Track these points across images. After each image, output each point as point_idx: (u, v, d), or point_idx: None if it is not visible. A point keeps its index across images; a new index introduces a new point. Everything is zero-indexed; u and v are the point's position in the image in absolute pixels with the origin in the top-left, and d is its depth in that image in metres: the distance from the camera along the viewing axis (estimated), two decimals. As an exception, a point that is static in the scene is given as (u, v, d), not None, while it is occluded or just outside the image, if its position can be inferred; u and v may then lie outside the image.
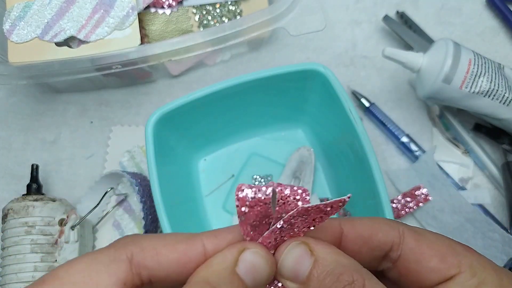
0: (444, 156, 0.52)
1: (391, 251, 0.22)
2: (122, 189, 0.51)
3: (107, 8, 0.48)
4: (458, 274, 0.21)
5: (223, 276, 0.20)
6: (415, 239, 0.22)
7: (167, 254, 0.21)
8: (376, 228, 0.22)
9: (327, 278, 0.20)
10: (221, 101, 0.45)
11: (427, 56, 0.46)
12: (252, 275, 0.20)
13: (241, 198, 0.21)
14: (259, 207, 0.21)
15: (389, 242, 0.22)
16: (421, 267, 0.22)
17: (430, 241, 0.22)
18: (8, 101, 0.56)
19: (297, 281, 0.20)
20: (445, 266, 0.21)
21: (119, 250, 0.21)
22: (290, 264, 0.21)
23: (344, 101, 0.42)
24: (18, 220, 0.44)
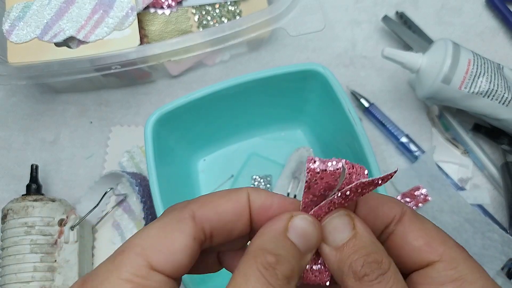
0: (444, 156, 0.52)
1: (390, 224, 0.23)
2: (122, 189, 0.51)
3: (106, 9, 0.48)
4: (438, 261, 0.22)
5: (278, 242, 0.21)
6: (410, 219, 0.23)
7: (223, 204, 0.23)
8: (383, 202, 0.24)
9: (361, 250, 0.21)
10: (220, 101, 0.45)
11: (427, 57, 0.46)
12: (303, 240, 0.22)
13: (312, 169, 0.22)
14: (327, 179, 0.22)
15: (391, 216, 0.23)
16: (406, 244, 0.23)
17: (424, 225, 0.23)
18: (8, 101, 0.56)
19: (332, 245, 0.22)
20: (428, 249, 0.22)
21: (182, 210, 0.22)
22: (332, 228, 0.22)
23: (343, 101, 0.42)
24: (17, 221, 0.44)
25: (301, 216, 0.22)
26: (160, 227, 0.22)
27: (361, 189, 0.22)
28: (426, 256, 0.22)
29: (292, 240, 0.21)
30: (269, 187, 0.50)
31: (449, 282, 0.21)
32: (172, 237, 0.21)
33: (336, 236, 0.22)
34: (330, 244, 0.22)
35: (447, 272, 0.21)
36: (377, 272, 0.20)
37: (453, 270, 0.21)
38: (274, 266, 0.20)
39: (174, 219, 0.22)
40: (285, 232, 0.22)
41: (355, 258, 0.21)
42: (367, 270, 0.20)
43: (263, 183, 0.51)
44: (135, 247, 0.21)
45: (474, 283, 0.21)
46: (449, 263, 0.21)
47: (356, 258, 0.21)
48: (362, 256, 0.21)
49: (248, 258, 0.21)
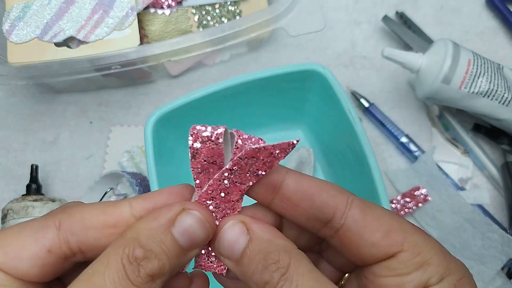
0: (444, 156, 0.52)
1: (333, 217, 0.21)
2: (122, 189, 0.51)
3: (106, 9, 0.48)
4: (401, 251, 0.20)
5: (155, 235, 0.20)
6: (361, 210, 0.21)
7: (92, 218, 0.21)
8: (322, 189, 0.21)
9: (257, 256, 0.20)
10: (220, 101, 0.45)
11: (426, 57, 0.46)
12: (188, 237, 0.20)
13: (195, 134, 0.21)
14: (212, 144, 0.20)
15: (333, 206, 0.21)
16: (362, 240, 0.21)
17: (377, 215, 0.21)
18: (7, 101, 0.56)
19: (232, 259, 0.21)
20: (387, 242, 0.20)
21: (48, 218, 0.21)
22: (226, 242, 0.21)
23: (343, 101, 0.42)
24: (17, 221, 0.44)
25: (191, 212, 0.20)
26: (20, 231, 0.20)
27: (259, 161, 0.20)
28: (386, 249, 0.20)
29: (175, 236, 0.20)
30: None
31: (414, 270, 0.20)
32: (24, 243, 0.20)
33: (233, 249, 0.21)
34: (231, 259, 0.21)
35: (411, 260, 0.20)
36: (276, 275, 0.19)
37: (416, 257, 0.20)
38: (139, 262, 0.19)
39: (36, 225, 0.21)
40: (169, 225, 0.20)
41: (252, 268, 0.20)
42: (266, 277, 0.19)
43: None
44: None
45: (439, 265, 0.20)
46: (412, 251, 0.20)
47: (254, 268, 0.20)
48: (259, 262, 0.20)
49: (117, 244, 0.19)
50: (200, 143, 0.21)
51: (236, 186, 0.21)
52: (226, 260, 0.21)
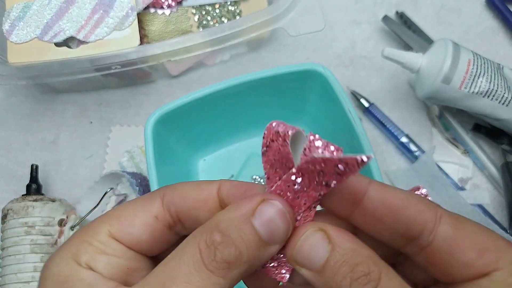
0: (444, 156, 0.52)
1: (422, 234, 0.20)
2: (122, 189, 0.51)
3: (106, 9, 0.48)
4: (495, 270, 0.19)
5: (234, 223, 0.19)
6: (452, 227, 0.20)
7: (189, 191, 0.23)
8: (410, 202, 0.20)
9: (343, 268, 0.19)
10: (220, 101, 0.45)
11: (427, 57, 0.46)
12: (268, 229, 0.20)
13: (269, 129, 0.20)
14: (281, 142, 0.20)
15: (421, 222, 0.20)
16: (454, 260, 0.19)
17: (470, 231, 0.20)
18: (7, 101, 0.56)
19: (312, 269, 0.19)
20: (482, 262, 0.19)
21: (155, 192, 0.23)
22: (306, 251, 0.20)
23: (343, 101, 0.42)
24: (17, 221, 0.44)
25: (273, 202, 0.20)
26: (131, 203, 0.23)
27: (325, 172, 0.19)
28: (480, 269, 0.19)
29: (255, 226, 0.19)
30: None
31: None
32: (135, 211, 0.22)
33: (313, 258, 0.19)
34: (311, 269, 0.19)
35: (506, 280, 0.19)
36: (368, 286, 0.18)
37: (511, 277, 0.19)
38: (216, 246, 0.19)
39: (145, 197, 0.23)
40: (249, 215, 0.20)
41: (339, 280, 0.18)
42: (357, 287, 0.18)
43: (263, 183, 0.51)
44: (104, 217, 0.23)
45: None
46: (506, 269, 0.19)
47: (341, 279, 0.18)
48: (347, 274, 0.18)
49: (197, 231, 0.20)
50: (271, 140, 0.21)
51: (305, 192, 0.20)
52: (303, 270, 0.20)
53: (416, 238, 0.20)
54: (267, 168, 0.22)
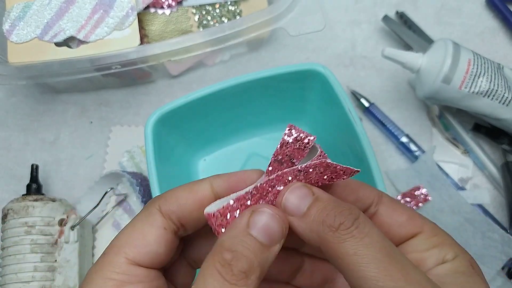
0: (444, 156, 0.52)
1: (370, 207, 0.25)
2: (122, 189, 0.51)
3: (106, 8, 0.48)
4: (421, 232, 0.24)
5: (236, 238, 0.22)
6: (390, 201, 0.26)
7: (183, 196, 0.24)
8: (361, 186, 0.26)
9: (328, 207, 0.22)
10: (220, 101, 0.45)
11: (427, 56, 0.46)
12: (265, 233, 0.22)
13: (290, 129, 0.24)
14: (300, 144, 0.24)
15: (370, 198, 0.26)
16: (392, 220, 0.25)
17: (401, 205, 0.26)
18: (8, 101, 0.56)
19: (297, 214, 0.23)
20: (411, 223, 0.25)
21: (149, 207, 0.24)
22: (293, 198, 0.23)
23: (343, 101, 0.42)
24: (18, 220, 0.44)
25: (261, 210, 0.23)
26: (133, 225, 0.24)
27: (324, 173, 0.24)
28: (410, 229, 0.24)
29: (254, 235, 0.22)
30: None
31: (432, 248, 0.24)
32: (143, 230, 0.23)
33: (299, 205, 0.23)
34: (296, 214, 0.23)
35: (429, 239, 0.24)
36: (351, 218, 0.21)
37: (434, 237, 0.24)
38: (230, 263, 0.21)
39: (143, 215, 0.24)
40: (246, 228, 0.22)
41: (325, 214, 0.22)
42: (341, 219, 0.21)
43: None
44: (113, 248, 0.23)
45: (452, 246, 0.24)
46: (430, 232, 0.24)
47: (326, 214, 0.22)
48: (331, 210, 0.22)
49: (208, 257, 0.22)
50: (292, 139, 0.24)
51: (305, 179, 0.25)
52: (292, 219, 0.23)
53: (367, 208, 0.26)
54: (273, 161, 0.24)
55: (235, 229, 0.23)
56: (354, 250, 0.20)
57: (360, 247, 0.20)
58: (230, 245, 0.22)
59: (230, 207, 0.24)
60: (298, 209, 0.23)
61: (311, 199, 0.23)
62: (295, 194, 0.23)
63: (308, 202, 0.23)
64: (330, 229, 0.21)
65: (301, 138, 0.24)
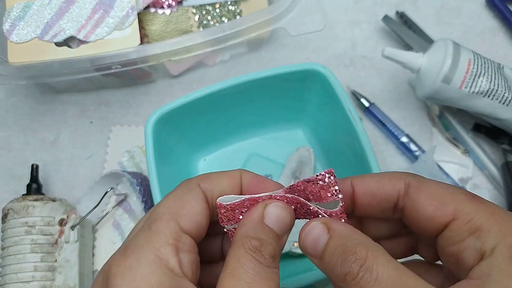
0: (444, 156, 0.52)
1: (398, 202, 0.24)
2: (122, 189, 0.51)
3: (106, 8, 0.48)
4: (453, 221, 0.22)
5: (257, 228, 0.24)
6: (416, 189, 0.24)
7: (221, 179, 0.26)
8: (382, 182, 0.25)
9: (337, 251, 0.22)
10: (220, 101, 0.45)
11: (427, 56, 0.46)
12: (278, 224, 0.24)
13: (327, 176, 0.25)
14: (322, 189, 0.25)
15: (395, 194, 0.24)
16: (419, 216, 0.23)
17: (430, 190, 0.24)
18: (8, 101, 0.56)
19: (316, 256, 0.23)
20: (438, 214, 0.23)
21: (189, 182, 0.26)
22: (309, 241, 0.24)
23: (343, 101, 0.42)
24: (18, 220, 0.44)
25: (274, 203, 0.25)
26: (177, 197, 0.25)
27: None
28: (439, 221, 0.23)
29: (269, 226, 0.24)
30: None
31: (467, 237, 0.22)
32: (190, 202, 0.24)
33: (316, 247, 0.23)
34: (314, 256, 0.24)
35: (462, 228, 0.22)
36: (355, 266, 0.21)
37: (467, 224, 0.22)
38: (259, 249, 0.23)
39: (185, 189, 0.25)
40: (262, 219, 0.24)
41: (333, 263, 0.22)
42: (346, 269, 0.21)
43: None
44: (165, 215, 0.24)
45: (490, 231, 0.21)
46: (462, 219, 0.22)
47: (334, 262, 0.22)
48: (339, 256, 0.22)
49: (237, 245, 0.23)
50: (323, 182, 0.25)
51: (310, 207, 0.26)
52: (312, 258, 0.24)
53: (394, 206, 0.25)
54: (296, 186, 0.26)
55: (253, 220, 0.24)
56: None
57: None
58: (254, 234, 0.23)
59: (241, 204, 0.25)
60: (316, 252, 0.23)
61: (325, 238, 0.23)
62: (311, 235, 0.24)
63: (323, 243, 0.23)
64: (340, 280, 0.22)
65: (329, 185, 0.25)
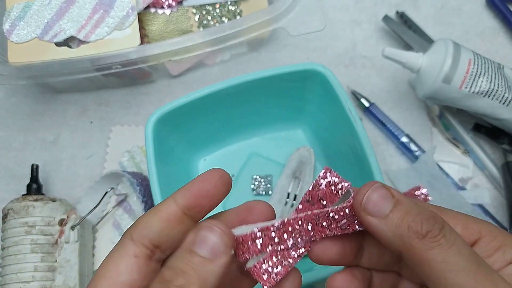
0: (444, 156, 0.52)
1: None
2: (122, 189, 0.51)
3: (106, 8, 0.48)
4: (480, 238, 0.23)
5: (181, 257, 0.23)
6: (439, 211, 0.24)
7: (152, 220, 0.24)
8: None
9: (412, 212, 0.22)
10: (220, 101, 0.45)
11: (427, 56, 0.46)
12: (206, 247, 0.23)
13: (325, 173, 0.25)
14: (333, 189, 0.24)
15: None
16: None
17: (453, 213, 0.25)
18: (8, 101, 0.56)
19: (380, 215, 0.22)
20: (468, 232, 0.24)
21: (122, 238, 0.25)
22: (375, 200, 0.23)
23: (343, 101, 0.42)
24: (18, 220, 0.44)
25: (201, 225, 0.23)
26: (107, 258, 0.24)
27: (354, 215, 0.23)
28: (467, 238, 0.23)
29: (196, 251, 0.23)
30: (269, 187, 0.50)
31: (495, 252, 0.23)
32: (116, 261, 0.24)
33: (381, 206, 0.22)
34: (377, 215, 0.23)
35: (490, 244, 0.23)
36: (437, 226, 0.21)
37: (494, 241, 0.23)
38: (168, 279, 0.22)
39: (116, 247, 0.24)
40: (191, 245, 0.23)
41: (411, 220, 0.21)
42: (428, 227, 0.21)
43: (264, 183, 0.51)
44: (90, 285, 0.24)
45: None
46: (489, 236, 0.23)
47: (412, 219, 0.21)
48: (416, 216, 0.22)
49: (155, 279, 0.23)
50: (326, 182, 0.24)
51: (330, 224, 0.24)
52: (370, 218, 0.23)
53: None
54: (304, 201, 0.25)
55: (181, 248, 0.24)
56: (443, 258, 0.21)
57: (449, 255, 0.21)
58: (171, 263, 0.23)
59: (254, 235, 0.24)
60: (380, 211, 0.22)
61: (392, 201, 0.23)
62: (377, 194, 0.23)
63: (390, 204, 0.22)
64: (417, 235, 0.21)
65: (334, 183, 0.24)
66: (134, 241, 0.24)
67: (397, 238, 0.22)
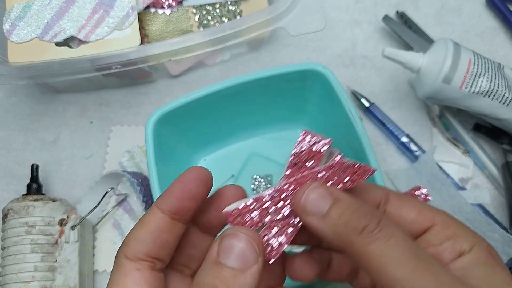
0: (444, 156, 0.52)
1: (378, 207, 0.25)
2: (122, 189, 0.51)
3: (107, 8, 0.48)
4: (432, 226, 0.24)
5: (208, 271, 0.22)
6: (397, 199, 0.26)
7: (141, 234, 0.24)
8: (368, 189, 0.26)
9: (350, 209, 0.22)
10: (221, 101, 0.45)
11: (427, 56, 0.46)
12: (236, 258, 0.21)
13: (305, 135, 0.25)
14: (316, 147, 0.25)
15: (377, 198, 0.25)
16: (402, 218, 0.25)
17: (410, 201, 0.26)
18: (8, 101, 0.56)
19: (318, 215, 0.22)
20: (421, 218, 0.24)
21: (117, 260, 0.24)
22: (313, 199, 0.23)
23: (344, 101, 0.42)
24: (18, 220, 0.44)
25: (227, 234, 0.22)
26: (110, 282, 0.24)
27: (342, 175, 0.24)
28: (421, 224, 0.24)
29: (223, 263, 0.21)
30: (269, 187, 0.50)
31: (446, 240, 0.24)
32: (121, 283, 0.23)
33: (319, 205, 0.23)
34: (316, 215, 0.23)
35: (442, 232, 0.24)
36: (374, 220, 0.21)
37: (447, 230, 0.24)
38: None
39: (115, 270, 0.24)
40: (217, 257, 0.22)
41: (348, 216, 0.22)
42: (365, 222, 0.21)
43: (264, 183, 0.51)
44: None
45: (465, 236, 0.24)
46: (442, 225, 0.24)
47: (350, 215, 0.22)
48: (353, 212, 0.22)
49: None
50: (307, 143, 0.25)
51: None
52: (310, 217, 0.23)
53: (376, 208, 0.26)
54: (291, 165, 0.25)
55: (206, 260, 0.22)
56: (381, 251, 0.20)
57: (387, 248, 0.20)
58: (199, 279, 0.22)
59: (247, 207, 0.24)
60: (318, 210, 0.22)
61: (330, 199, 0.23)
62: (314, 194, 0.23)
63: (328, 203, 0.22)
64: (355, 231, 0.21)
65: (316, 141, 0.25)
66: (130, 259, 0.23)
67: (337, 235, 0.22)
